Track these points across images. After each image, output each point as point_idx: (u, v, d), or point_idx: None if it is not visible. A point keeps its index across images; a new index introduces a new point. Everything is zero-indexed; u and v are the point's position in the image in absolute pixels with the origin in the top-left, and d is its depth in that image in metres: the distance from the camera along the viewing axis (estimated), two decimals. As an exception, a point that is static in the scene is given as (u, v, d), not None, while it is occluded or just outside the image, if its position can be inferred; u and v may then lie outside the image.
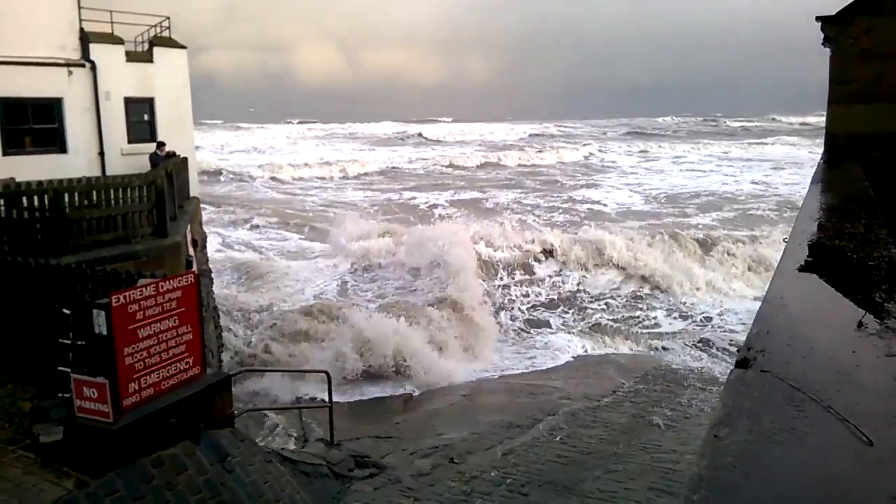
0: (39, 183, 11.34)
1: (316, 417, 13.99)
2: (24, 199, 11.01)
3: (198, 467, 7.14)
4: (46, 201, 11.06)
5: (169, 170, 14.12)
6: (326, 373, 12.44)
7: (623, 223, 33.91)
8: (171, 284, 7.77)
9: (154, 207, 12.67)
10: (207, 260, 18.75)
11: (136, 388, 7.32)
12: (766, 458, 1.69)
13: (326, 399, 11.95)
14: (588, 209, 39.33)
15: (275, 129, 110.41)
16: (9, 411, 8.02)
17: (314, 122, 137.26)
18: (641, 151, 75.98)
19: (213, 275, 19.04)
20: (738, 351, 2.43)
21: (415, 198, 43.34)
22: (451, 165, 61.86)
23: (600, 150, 76.54)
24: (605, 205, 40.88)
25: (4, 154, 15.17)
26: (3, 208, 10.82)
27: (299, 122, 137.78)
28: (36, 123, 15.99)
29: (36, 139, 16.02)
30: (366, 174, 57.21)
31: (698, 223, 33.97)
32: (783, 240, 4.68)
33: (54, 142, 16.13)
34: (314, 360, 17.45)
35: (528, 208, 39.40)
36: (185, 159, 17.43)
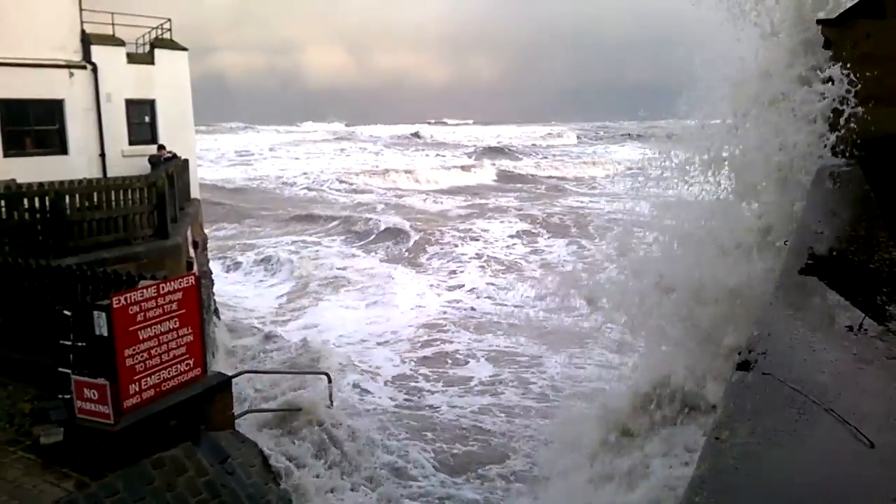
0: (40, 184, 11.32)
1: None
2: (25, 201, 11.02)
3: (198, 469, 7.13)
4: (47, 203, 11.07)
5: (170, 171, 14.12)
6: (327, 374, 12.42)
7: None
8: (171, 286, 7.77)
9: (155, 209, 12.67)
10: (208, 261, 18.72)
11: (137, 389, 7.32)
12: (767, 461, 1.69)
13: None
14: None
15: (309, 130, 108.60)
16: (9, 412, 8.02)
17: (333, 122, 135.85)
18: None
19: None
20: (739, 354, 2.42)
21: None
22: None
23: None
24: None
25: (5, 155, 15.15)
26: (4, 210, 10.82)
27: (332, 123, 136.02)
28: (37, 125, 15.99)
29: (37, 140, 16.01)
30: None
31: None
32: (784, 243, 4.67)
33: (55, 143, 16.12)
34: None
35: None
36: (186, 161, 17.43)
